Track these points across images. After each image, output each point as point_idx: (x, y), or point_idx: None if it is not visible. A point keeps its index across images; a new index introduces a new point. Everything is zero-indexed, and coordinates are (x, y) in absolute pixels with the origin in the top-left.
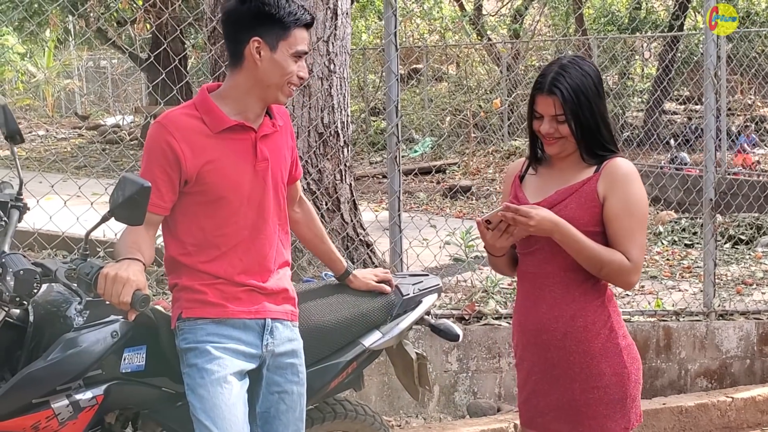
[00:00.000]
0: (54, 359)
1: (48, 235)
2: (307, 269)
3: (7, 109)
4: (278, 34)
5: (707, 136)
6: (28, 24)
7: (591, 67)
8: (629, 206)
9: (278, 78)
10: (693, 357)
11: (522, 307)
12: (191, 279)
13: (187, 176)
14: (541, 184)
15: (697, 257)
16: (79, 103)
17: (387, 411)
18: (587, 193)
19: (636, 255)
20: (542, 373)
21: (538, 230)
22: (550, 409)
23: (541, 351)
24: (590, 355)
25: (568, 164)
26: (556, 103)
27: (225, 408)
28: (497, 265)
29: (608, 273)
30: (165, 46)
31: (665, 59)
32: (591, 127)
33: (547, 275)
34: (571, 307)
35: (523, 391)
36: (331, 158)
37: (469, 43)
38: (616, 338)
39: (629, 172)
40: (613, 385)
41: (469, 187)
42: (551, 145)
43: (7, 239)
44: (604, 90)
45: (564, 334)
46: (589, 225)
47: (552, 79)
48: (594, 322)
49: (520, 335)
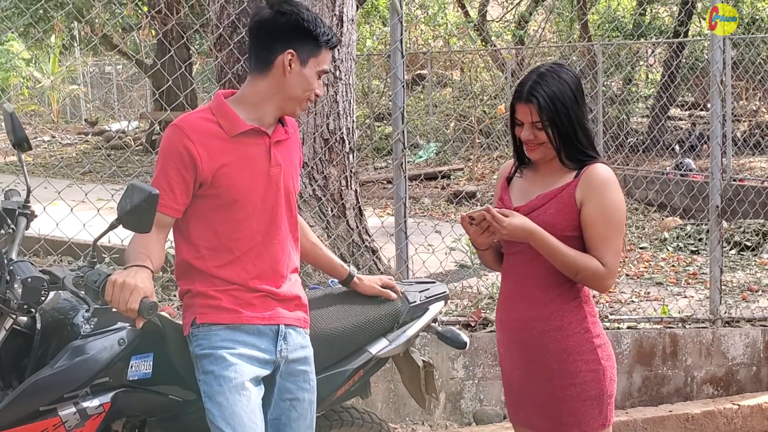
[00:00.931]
0: (61, 367)
1: (54, 241)
2: (313, 276)
3: (15, 117)
4: (311, 51)
5: (713, 142)
6: (34, 30)
7: (569, 74)
8: (605, 213)
9: (301, 92)
10: (699, 364)
11: (504, 305)
12: (205, 285)
13: (203, 179)
14: (525, 188)
15: (702, 264)
16: (84, 109)
17: (393, 418)
18: (565, 199)
19: (611, 260)
20: (522, 369)
21: (511, 236)
22: (532, 404)
23: (521, 348)
24: (567, 352)
25: (550, 169)
26: (533, 111)
27: (244, 415)
28: (485, 259)
29: (583, 278)
30: (171, 53)
31: (670, 65)
32: (568, 133)
33: (527, 275)
34: (549, 307)
35: (508, 387)
36: (337, 164)
37: (474, 49)
38: (591, 337)
39: (607, 178)
40: (589, 381)
41: (473, 193)
42: (532, 151)
43: (15, 246)
44: (584, 96)
45: (541, 333)
46: (567, 230)
47: (529, 87)
48: (570, 321)
49: (502, 333)
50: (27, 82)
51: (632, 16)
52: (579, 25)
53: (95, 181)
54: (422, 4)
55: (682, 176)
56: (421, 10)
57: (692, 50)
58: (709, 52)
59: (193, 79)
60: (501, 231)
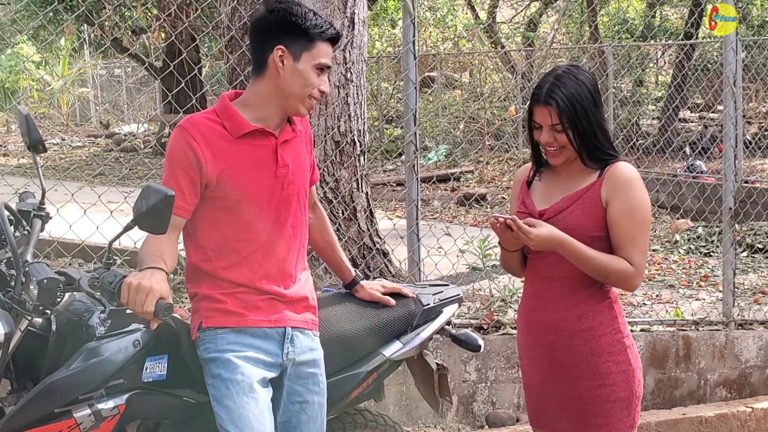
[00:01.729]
0: (76, 368)
1: (65, 244)
2: (324, 278)
3: (30, 119)
4: (302, 45)
5: (726, 144)
6: (44, 33)
7: (586, 76)
8: (631, 211)
9: (299, 89)
10: (712, 367)
11: (529, 308)
12: (211, 288)
13: (208, 179)
14: (547, 190)
15: (714, 266)
16: (94, 112)
17: (405, 421)
18: (591, 199)
19: (638, 259)
20: (547, 372)
21: (539, 247)
22: (556, 408)
23: (547, 350)
24: (597, 353)
25: (572, 170)
26: (552, 113)
27: (252, 417)
28: (508, 262)
29: (614, 280)
30: (184, 56)
31: (682, 67)
32: (588, 134)
33: (554, 278)
34: (578, 307)
35: (530, 391)
36: (348, 167)
37: (485, 51)
38: (622, 338)
39: (631, 176)
40: (620, 382)
41: (484, 195)
42: (554, 157)
43: (30, 248)
44: (601, 97)
45: (571, 334)
46: (594, 230)
47: (547, 90)
48: (601, 322)
49: (526, 335)
50: (37, 85)
51: (642, 18)
52: (590, 27)
53: (105, 184)
54: (431, 6)
55: (693, 178)
56: (431, 12)
57: (702, 52)
58: (722, 53)
59: (203, 81)
60: (528, 242)
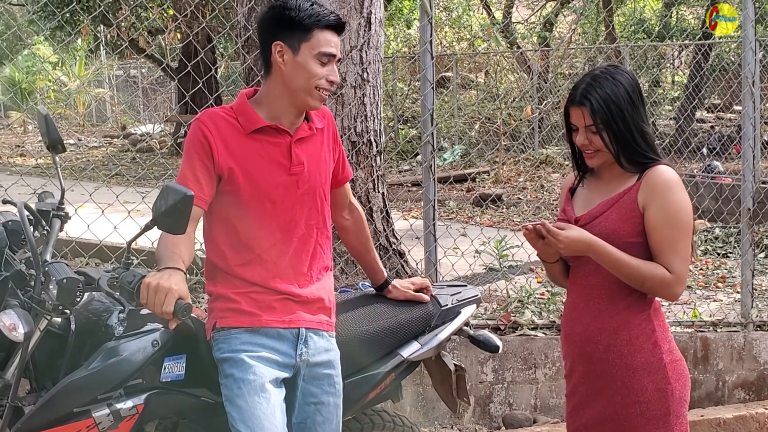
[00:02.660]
0: (95, 368)
1: (83, 244)
2: (340, 278)
3: (50, 119)
4: (300, 37)
5: (745, 144)
6: (61, 33)
7: (625, 76)
8: (669, 216)
9: (304, 81)
10: (731, 368)
11: (568, 318)
12: (226, 287)
13: (220, 171)
14: (587, 196)
15: (731, 267)
16: (110, 112)
17: (422, 422)
18: (628, 204)
19: (678, 266)
20: (588, 384)
21: (569, 251)
22: (594, 421)
23: (587, 362)
24: (632, 369)
25: (611, 175)
26: (586, 114)
27: (264, 417)
28: (552, 273)
29: (651, 287)
30: (200, 56)
31: (700, 67)
32: (625, 136)
33: (592, 286)
34: (615, 319)
35: (571, 402)
36: (364, 167)
37: (501, 51)
38: (660, 353)
39: (669, 179)
40: (655, 400)
41: (500, 196)
42: (590, 158)
43: (49, 248)
44: (643, 99)
45: (607, 347)
46: (631, 236)
47: (582, 90)
48: (638, 336)
49: (568, 346)
50: (54, 86)
51: (659, 18)
52: (607, 28)
53: (122, 184)
54: (447, 6)
55: (711, 179)
56: (446, 12)
57: (720, 52)
58: (740, 54)
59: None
60: (557, 245)
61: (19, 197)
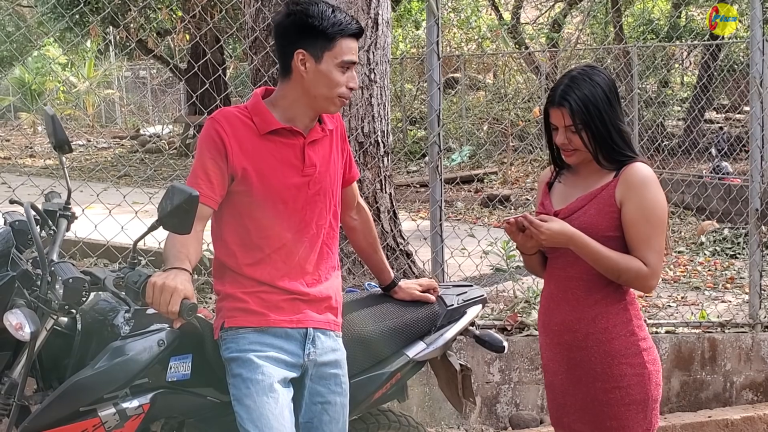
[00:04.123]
0: (101, 367)
1: (90, 244)
2: (347, 279)
3: (56, 119)
4: (323, 46)
5: (753, 145)
6: (70, 35)
7: (601, 76)
8: (645, 212)
9: (326, 89)
10: (738, 369)
11: (546, 308)
12: (234, 286)
13: (233, 171)
14: (565, 191)
15: (740, 268)
16: (119, 113)
17: (428, 422)
18: (605, 199)
19: (653, 260)
20: (566, 373)
21: (550, 242)
22: (575, 409)
23: (564, 351)
24: (611, 355)
25: (589, 171)
26: (565, 114)
27: (272, 417)
28: (530, 265)
29: (627, 279)
30: (208, 57)
31: (708, 68)
32: (603, 135)
33: (570, 278)
34: (594, 309)
35: (551, 392)
36: (372, 168)
37: (509, 52)
38: (637, 340)
39: (645, 176)
40: (634, 385)
41: (508, 197)
42: (569, 156)
43: (55, 248)
44: (619, 98)
45: (585, 335)
46: (608, 230)
47: (561, 92)
48: (615, 324)
49: (545, 336)
50: (63, 87)
51: (668, 18)
52: (615, 28)
53: (130, 185)
54: (455, 7)
55: (719, 180)
56: (455, 13)
57: (728, 53)
58: (748, 54)
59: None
60: (539, 237)
61: (27, 198)
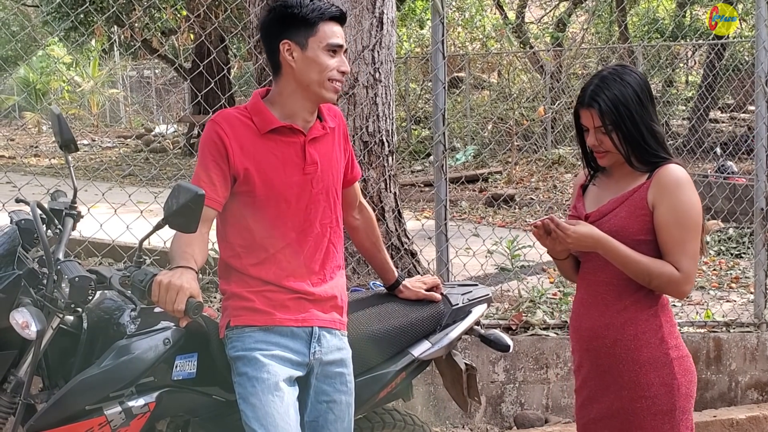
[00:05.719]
0: (107, 366)
1: (96, 243)
2: (352, 278)
3: (62, 119)
4: (306, 32)
5: (758, 144)
6: (74, 34)
7: (633, 77)
8: (678, 215)
9: (316, 74)
10: (744, 369)
11: (577, 313)
12: (240, 286)
13: (235, 172)
14: (598, 194)
15: (745, 267)
16: (124, 113)
17: (433, 421)
18: (637, 201)
19: (686, 265)
20: (596, 379)
21: (577, 246)
22: (602, 416)
23: (594, 357)
24: (639, 364)
25: (622, 173)
26: (595, 116)
27: (278, 416)
28: (563, 269)
29: (658, 285)
30: (213, 56)
31: (713, 67)
32: (635, 136)
33: (600, 282)
34: (623, 315)
35: (580, 397)
36: (376, 167)
37: (513, 51)
38: (667, 348)
39: (679, 178)
40: (661, 395)
41: (512, 196)
42: (602, 158)
43: (61, 247)
44: (652, 98)
45: (614, 342)
46: (639, 233)
47: (591, 92)
48: (644, 331)
49: (576, 340)
50: (68, 86)
51: (672, 18)
52: (620, 27)
53: (135, 184)
54: (460, 6)
55: (724, 179)
56: (459, 12)
57: (733, 52)
58: (753, 53)
59: (231, 82)
60: (566, 240)
61: (32, 197)
